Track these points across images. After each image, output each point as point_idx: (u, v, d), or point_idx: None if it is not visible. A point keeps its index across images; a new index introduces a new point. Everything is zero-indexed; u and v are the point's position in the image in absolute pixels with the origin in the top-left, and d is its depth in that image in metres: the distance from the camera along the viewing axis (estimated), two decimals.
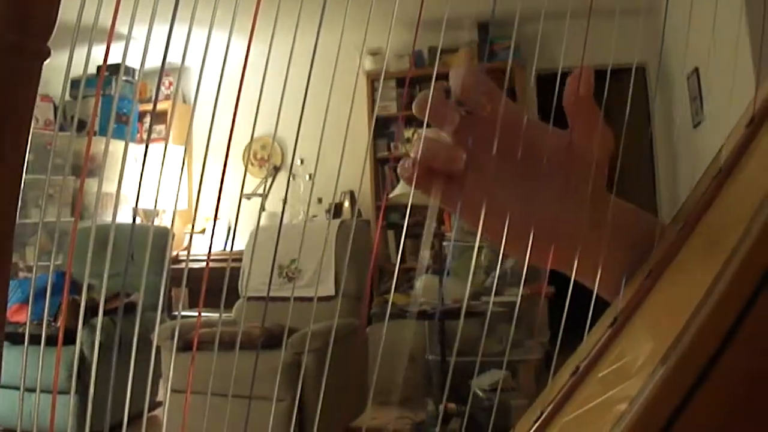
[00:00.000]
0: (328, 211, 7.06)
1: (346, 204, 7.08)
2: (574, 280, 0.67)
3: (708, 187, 0.62)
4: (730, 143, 0.64)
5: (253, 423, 0.87)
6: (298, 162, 7.01)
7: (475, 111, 0.63)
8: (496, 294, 4.80)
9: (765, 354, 0.44)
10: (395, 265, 6.82)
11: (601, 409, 0.50)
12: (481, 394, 4.42)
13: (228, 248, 6.94)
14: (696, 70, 4.95)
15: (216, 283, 0.79)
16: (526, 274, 0.67)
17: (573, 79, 0.63)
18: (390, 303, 4.64)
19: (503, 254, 0.67)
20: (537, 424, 0.58)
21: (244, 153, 7.25)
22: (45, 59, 0.48)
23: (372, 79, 7.09)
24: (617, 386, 0.51)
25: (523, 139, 0.64)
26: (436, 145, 0.63)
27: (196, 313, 4.78)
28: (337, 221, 5.55)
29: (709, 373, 0.44)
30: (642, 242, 0.65)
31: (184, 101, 7.51)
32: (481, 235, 0.64)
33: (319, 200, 7.13)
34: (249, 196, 7.21)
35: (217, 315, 4.20)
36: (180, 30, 0.57)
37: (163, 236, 4.98)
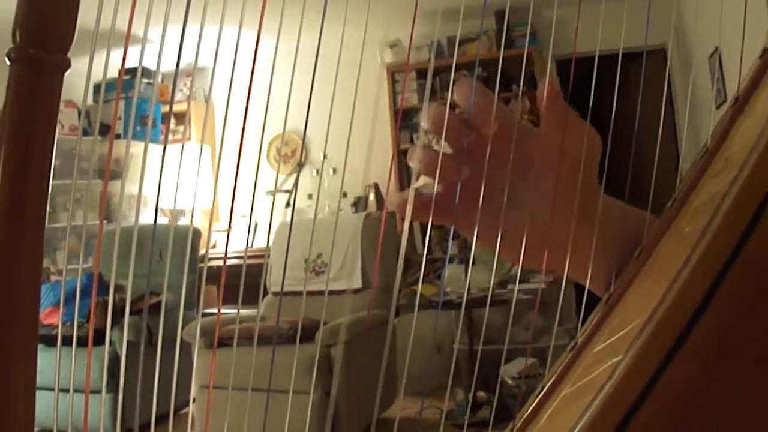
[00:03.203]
0: (353, 205, 7.07)
1: (371, 197, 7.08)
2: None
3: (696, 166, 0.65)
4: (720, 123, 0.66)
5: (285, 416, 0.88)
6: (322, 157, 7.02)
7: (478, 126, 0.65)
8: (521, 282, 4.80)
9: (738, 322, 0.47)
10: (421, 255, 6.80)
11: (594, 382, 0.53)
12: (509, 381, 4.42)
13: (251, 245, 6.96)
14: (717, 50, 4.90)
15: (246, 279, 0.80)
16: (544, 269, 0.69)
17: (541, 90, 0.65)
18: (396, 293, 4.64)
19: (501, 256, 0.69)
20: (539, 398, 0.61)
21: (268, 150, 7.28)
22: (65, 70, 0.49)
23: (392, 72, 7.08)
24: (609, 360, 0.53)
25: (519, 150, 0.65)
26: (432, 155, 0.65)
27: (227, 310, 4.80)
28: (362, 214, 5.55)
29: (682, 343, 0.46)
30: (632, 238, 0.66)
31: (206, 101, 7.54)
32: (477, 244, 0.67)
33: (344, 194, 7.13)
34: (273, 193, 7.22)
35: (246, 311, 4.23)
36: (204, 30, 0.57)
37: (191, 235, 5.01)
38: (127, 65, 0.60)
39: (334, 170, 6.72)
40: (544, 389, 0.61)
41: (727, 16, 0.93)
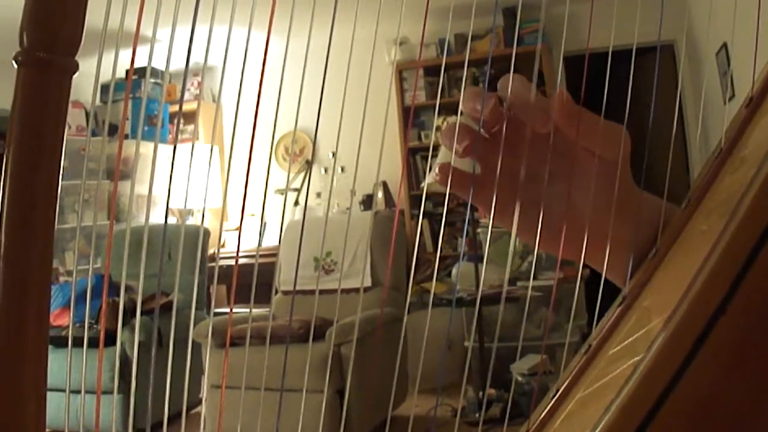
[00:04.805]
0: (361, 203, 7.07)
1: (379, 195, 7.07)
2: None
3: (710, 167, 0.64)
4: (733, 124, 0.65)
5: (297, 414, 0.88)
6: (330, 155, 7.01)
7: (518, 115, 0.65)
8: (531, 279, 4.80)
9: (758, 322, 0.46)
10: (431, 253, 6.79)
11: (612, 384, 0.52)
12: (520, 378, 4.42)
13: (263, 244, 6.97)
14: (724, 45, 4.88)
15: (256, 278, 0.80)
16: (560, 258, 0.69)
17: (554, 101, 0.64)
18: (409, 290, 4.63)
19: (518, 240, 0.69)
20: (554, 400, 0.61)
21: (275, 148, 7.28)
22: (73, 73, 0.49)
23: (400, 69, 7.07)
24: (626, 362, 0.52)
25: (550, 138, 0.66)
26: (466, 128, 0.66)
27: (238, 310, 4.81)
28: (372, 212, 5.55)
29: (702, 344, 0.46)
30: (650, 226, 0.66)
31: (214, 100, 7.55)
32: (503, 227, 0.67)
33: (353, 192, 7.12)
34: (283, 192, 7.22)
35: (257, 311, 4.24)
36: (207, 29, 0.57)
37: (200, 235, 5.02)
38: (135, 65, 0.60)
39: (342, 168, 6.72)
40: (559, 392, 0.61)
41: (736, 13, 0.92)
